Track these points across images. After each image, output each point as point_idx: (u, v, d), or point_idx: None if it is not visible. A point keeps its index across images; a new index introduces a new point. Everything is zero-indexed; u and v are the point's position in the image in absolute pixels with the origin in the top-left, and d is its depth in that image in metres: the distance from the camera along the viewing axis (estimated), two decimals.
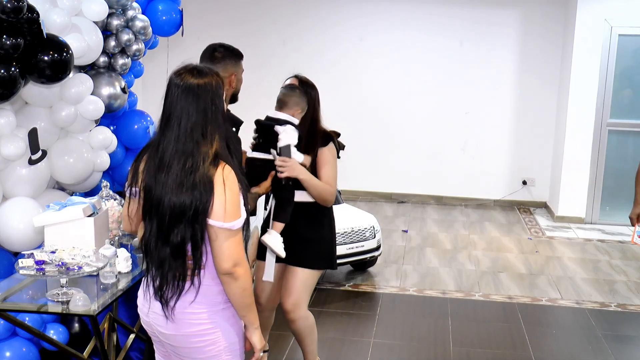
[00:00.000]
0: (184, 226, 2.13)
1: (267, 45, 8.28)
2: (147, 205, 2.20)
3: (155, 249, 2.18)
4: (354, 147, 8.39)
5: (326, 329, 4.52)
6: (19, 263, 2.72)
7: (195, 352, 2.24)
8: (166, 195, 2.14)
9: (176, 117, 2.15)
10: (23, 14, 2.98)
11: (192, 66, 2.22)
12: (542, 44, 8.04)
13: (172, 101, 2.17)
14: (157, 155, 2.18)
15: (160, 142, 2.18)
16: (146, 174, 2.20)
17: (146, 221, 2.21)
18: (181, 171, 2.13)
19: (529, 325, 4.65)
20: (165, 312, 2.20)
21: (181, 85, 2.16)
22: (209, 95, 2.18)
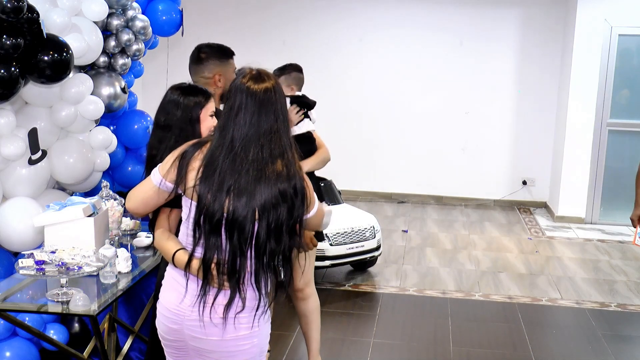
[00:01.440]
0: (281, 238, 2.11)
1: (267, 45, 8.28)
2: (206, 215, 2.10)
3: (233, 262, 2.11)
4: (354, 147, 8.42)
5: (326, 329, 4.51)
6: (19, 263, 2.72)
7: (237, 355, 2.22)
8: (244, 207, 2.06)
9: (247, 125, 2.09)
10: (23, 14, 2.98)
11: (255, 71, 2.17)
12: (542, 44, 8.04)
13: (244, 106, 2.10)
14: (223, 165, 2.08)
15: (221, 150, 2.10)
16: (206, 182, 2.09)
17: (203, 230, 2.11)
18: (265, 179, 2.07)
19: (529, 325, 4.65)
20: (224, 320, 2.15)
21: (253, 91, 2.11)
22: (281, 99, 2.15)
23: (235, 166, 2.08)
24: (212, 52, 3.24)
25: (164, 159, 2.26)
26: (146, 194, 2.28)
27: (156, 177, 2.24)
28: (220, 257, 2.12)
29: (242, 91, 2.12)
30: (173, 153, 2.23)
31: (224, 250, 2.11)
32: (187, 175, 2.15)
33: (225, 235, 2.10)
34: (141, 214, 2.38)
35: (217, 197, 2.08)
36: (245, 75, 2.16)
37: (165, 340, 2.32)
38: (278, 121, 2.12)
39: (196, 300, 2.17)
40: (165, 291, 2.29)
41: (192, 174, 2.14)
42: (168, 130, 2.59)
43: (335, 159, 8.46)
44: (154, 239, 2.40)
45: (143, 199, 2.30)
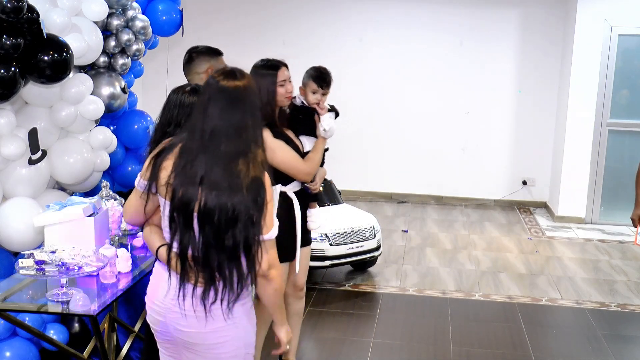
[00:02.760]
0: (238, 230, 2.12)
1: (267, 45, 8.27)
2: (185, 213, 2.13)
3: (207, 257, 2.14)
4: (354, 147, 8.42)
5: (326, 329, 4.52)
6: (19, 263, 2.72)
7: (218, 347, 2.25)
8: (214, 199, 2.09)
9: (216, 118, 2.12)
10: (23, 14, 2.98)
11: (229, 69, 2.20)
12: (542, 44, 8.04)
13: (213, 103, 2.13)
14: (193, 158, 2.12)
15: (192, 143, 2.13)
16: (178, 177, 2.13)
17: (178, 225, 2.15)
18: (232, 173, 2.10)
19: (529, 325, 4.65)
20: (204, 312, 2.19)
21: (224, 88, 2.14)
22: (252, 97, 2.18)
23: (205, 159, 2.12)
24: (202, 51, 3.49)
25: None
26: (136, 202, 2.33)
27: (138, 180, 2.30)
28: (194, 250, 2.15)
29: (213, 86, 2.16)
30: (152, 153, 2.28)
31: (197, 243, 2.14)
32: (159, 174, 2.19)
33: (198, 228, 2.13)
34: (138, 223, 2.42)
35: (188, 190, 2.11)
36: (219, 72, 2.20)
37: (155, 332, 2.36)
38: (246, 119, 2.14)
39: (176, 293, 2.22)
40: (152, 285, 2.34)
41: (164, 173, 2.18)
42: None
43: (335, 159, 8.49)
44: (143, 233, 2.43)
45: (134, 207, 2.35)
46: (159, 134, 2.66)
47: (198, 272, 2.17)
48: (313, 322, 4.62)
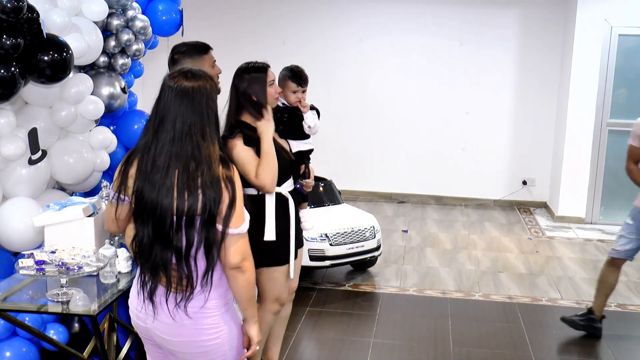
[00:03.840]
0: (195, 230, 2.13)
1: (267, 44, 8.27)
2: (139, 208, 2.17)
3: (152, 252, 2.16)
4: (354, 147, 8.42)
5: (326, 329, 4.52)
6: (19, 263, 2.72)
7: (202, 355, 2.24)
8: (166, 199, 2.12)
9: (171, 119, 2.14)
10: (23, 14, 2.98)
11: (187, 69, 2.23)
12: (542, 44, 8.04)
13: (166, 104, 2.16)
14: (150, 159, 2.15)
15: (151, 145, 2.16)
16: (139, 178, 2.17)
17: (138, 224, 2.19)
18: (183, 174, 2.12)
19: (529, 325, 4.65)
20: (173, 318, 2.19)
21: (175, 88, 2.16)
22: (204, 98, 2.18)
23: (151, 157, 2.14)
24: (185, 52, 3.30)
25: None
26: (109, 210, 2.34)
27: (112, 193, 2.31)
28: (142, 248, 2.17)
29: (164, 85, 2.19)
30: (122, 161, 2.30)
31: (146, 242, 2.17)
32: (127, 182, 2.22)
33: (144, 225, 2.16)
34: (116, 231, 2.42)
35: (140, 187, 2.15)
36: (174, 72, 2.23)
37: (140, 334, 2.37)
38: (192, 120, 2.14)
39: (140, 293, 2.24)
40: (132, 289, 2.34)
41: (131, 180, 2.20)
42: None
43: (336, 159, 8.50)
44: (125, 240, 2.43)
45: (108, 215, 2.36)
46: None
47: (144, 269, 2.19)
48: (313, 322, 4.63)
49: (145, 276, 2.21)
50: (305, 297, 4.98)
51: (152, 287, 2.20)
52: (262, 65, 3.22)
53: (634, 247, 4.34)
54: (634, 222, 4.33)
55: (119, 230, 2.38)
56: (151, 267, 2.18)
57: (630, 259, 4.41)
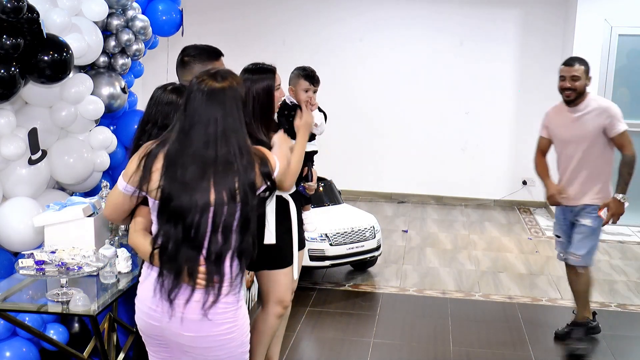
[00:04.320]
0: (231, 234, 2.15)
1: (267, 44, 8.28)
2: (168, 210, 2.14)
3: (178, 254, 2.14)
4: (354, 147, 8.42)
5: (326, 329, 4.52)
6: (19, 263, 2.73)
7: (215, 349, 2.25)
8: (202, 203, 2.11)
9: (203, 123, 2.13)
10: (23, 14, 2.98)
11: (214, 71, 2.22)
12: (542, 44, 8.04)
13: (196, 107, 2.14)
14: (183, 163, 2.13)
15: (183, 149, 2.14)
16: (169, 182, 2.14)
17: (164, 225, 2.16)
18: (219, 177, 2.12)
19: (529, 325, 4.65)
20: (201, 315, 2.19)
21: (205, 91, 2.15)
22: (234, 98, 2.18)
23: (184, 160, 2.13)
24: (196, 55, 3.20)
25: None
26: (116, 200, 2.33)
27: (120, 182, 2.28)
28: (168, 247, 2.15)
29: (193, 87, 2.18)
30: (134, 156, 2.26)
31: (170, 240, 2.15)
32: (151, 176, 2.19)
33: (172, 226, 2.14)
34: (115, 219, 2.42)
35: (170, 190, 2.13)
36: (203, 72, 2.22)
37: (146, 335, 2.34)
38: (226, 122, 2.14)
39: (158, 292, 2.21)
40: (143, 288, 2.30)
41: (156, 174, 2.18)
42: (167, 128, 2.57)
43: (336, 159, 8.49)
44: (130, 238, 2.39)
45: (114, 205, 2.35)
46: (139, 131, 2.66)
47: (171, 269, 2.17)
48: (313, 322, 4.63)
49: (168, 276, 2.18)
50: (305, 297, 4.98)
51: (174, 286, 2.17)
52: (269, 67, 3.21)
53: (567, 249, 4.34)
54: (555, 220, 4.45)
55: (119, 219, 2.38)
56: (177, 268, 2.16)
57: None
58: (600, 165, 4.17)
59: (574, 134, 4.16)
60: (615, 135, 4.10)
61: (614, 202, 4.07)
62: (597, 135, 4.11)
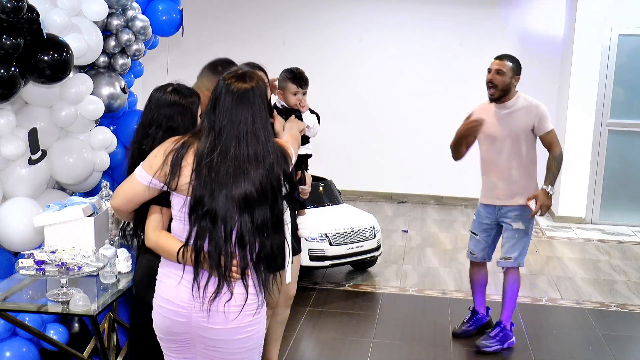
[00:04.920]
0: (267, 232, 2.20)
1: (267, 44, 8.28)
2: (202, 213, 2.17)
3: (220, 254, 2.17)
4: (354, 147, 8.42)
5: (326, 329, 4.52)
6: (19, 263, 2.72)
7: (241, 341, 2.27)
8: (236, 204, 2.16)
9: (234, 122, 2.17)
10: (23, 14, 2.98)
11: (242, 72, 2.25)
12: (542, 44, 8.04)
13: (226, 107, 2.18)
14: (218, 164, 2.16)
15: (214, 149, 2.16)
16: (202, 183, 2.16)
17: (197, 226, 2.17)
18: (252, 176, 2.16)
19: (529, 325, 4.64)
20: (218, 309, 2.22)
21: (234, 91, 2.19)
22: (261, 98, 2.23)
23: (217, 160, 2.16)
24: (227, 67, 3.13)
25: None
26: (133, 192, 2.31)
27: (143, 175, 2.27)
28: (210, 249, 2.18)
29: (222, 88, 2.21)
30: (159, 150, 2.26)
31: (212, 242, 2.18)
32: (181, 172, 2.20)
33: (212, 227, 2.17)
34: (124, 211, 2.40)
35: (205, 191, 2.16)
36: (230, 74, 2.24)
37: (168, 335, 2.32)
38: (255, 121, 2.19)
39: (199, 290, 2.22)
40: (169, 287, 2.28)
41: (187, 169, 2.19)
42: (172, 130, 2.55)
43: (336, 159, 8.48)
44: (149, 239, 2.36)
45: (128, 197, 2.33)
46: (140, 134, 2.62)
47: (211, 268, 2.19)
48: (313, 322, 4.63)
49: (209, 276, 2.19)
50: (305, 297, 4.98)
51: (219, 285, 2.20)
52: (259, 66, 3.18)
53: (484, 247, 4.34)
54: (475, 217, 4.37)
55: (127, 212, 2.38)
56: (218, 266, 2.18)
57: (487, 260, 4.41)
58: (528, 163, 4.16)
59: (503, 131, 4.13)
60: (544, 134, 4.11)
61: (543, 193, 4.05)
62: (525, 133, 4.11)
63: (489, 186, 4.28)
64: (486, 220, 4.30)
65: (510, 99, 4.16)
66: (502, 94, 4.14)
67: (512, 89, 4.15)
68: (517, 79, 4.18)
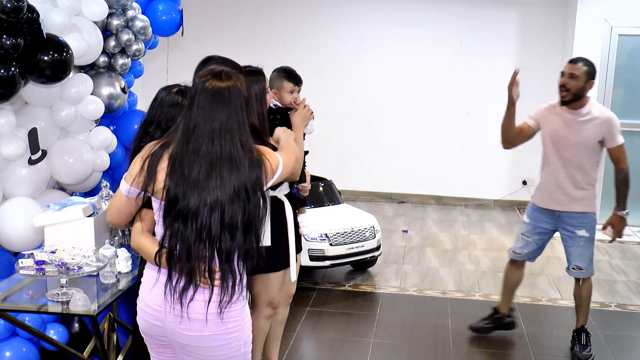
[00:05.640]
0: (237, 232, 2.14)
1: (267, 45, 8.28)
2: (176, 211, 2.14)
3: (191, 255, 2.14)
4: (354, 146, 8.42)
5: (326, 329, 4.52)
6: (19, 263, 2.73)
7: (218, 349, 2.24)
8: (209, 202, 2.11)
9: (207, 121, 2.13)
10: (23, 14, 2.98)
11: (219, 70, 2.21)
12: (542, 44, 8.04)
13: (200, 106, 2.14)
14: (189, 162, 2.13)
15: (188, 148, 2.14)
16: (175, 182, 2.13)
17: (172, 226, 2.15)
18: (224, 175, 2.12)
19: (529, 325, 4.65)
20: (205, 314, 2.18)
21: (209, 90, 2.15)
22: (238, 98, 2.18)
23: (189, 159, 2.13)
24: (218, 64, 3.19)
25: None
26: (119, 204, 2.32)
27: (123, 185, 2.27)
28: (179, 248, 2.15)
29: (197, 87, 2.18)
30: (137, 157, 2.25)
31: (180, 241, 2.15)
32: (156, 177, 2.18)
33: (182, 226, 2.14)
34: (120, 224, 2.41)
35: (177, 190, 2.13)
36: (206, 72, 2.21)
37: (148, 336, 2.33)
38: (230, 120, 2.14)
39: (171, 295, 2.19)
40: (147, 289, 2.29)
41: (162, 174, 2.17)
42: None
43: (336, 159, 8.49)
44: (133, 240, 2.38)
45: (117, 210, 2.34)
46: (141, 132, 2.64)
47: (182, 270, 2.16)
48: (313, 322, 4.63)
49: (179, 277, 2.16)
50: (305, 297, 4.98)
51: (186, 287, 2.17)
52: (258, 69, 3.15)
53: (532, 250, 4.30)
54: (530, 220, 4.28)
55: (123, 223, 2.36)
56: (189, 268, 2.14)
57: (531, 260, 4.38)
58: (592, 171, 4.11)
59: (574, 138, 4.06)
60: (614, 147, 4.07)
61: (617, 219, 4.03)
62: (594, 143, 4.05)
63: (548, 189, 4.18)
64: (544, 224, 4.22)
65: (583, 105, 4.06)
66: (573, 98, 4.03)
67: (585, 94, 4.04)
68: (591, 83, 4.06)
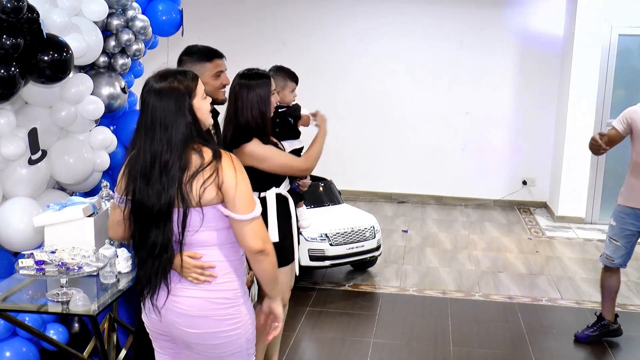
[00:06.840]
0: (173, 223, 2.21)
1: (267, 45, 8.28)
2: (133, 207, 2.24)
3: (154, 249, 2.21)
4: (354, 146, 8.42)
5: (326, 329, 4.52)
6: (19, 263, 2.72)
7: (220, 347, 2.27)
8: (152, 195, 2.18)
9: (149, 118, 2.21)
10: (23, 14, 2.97)
11: (163, 71, 2.28)
12: (542, 44, 8.04)
13: (146, 103, 2.22)
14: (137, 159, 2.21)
15: (138, 145, 2.22)
16: (129, 179, 2.23)
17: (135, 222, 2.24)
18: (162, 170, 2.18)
19: (529, 325, 4.65)
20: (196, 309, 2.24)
21: (150, 89, 2.23)
22: (173, 97, 2.21)
23: (139, 158, 2.21)
24: (191, 54, 3.19)
25: None
26: (115, 216, 2.39)
27: (115, 196, 2.36)
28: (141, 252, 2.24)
29: (145, 87, 2.26)
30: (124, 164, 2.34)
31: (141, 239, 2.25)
32: (121, 180, 2.29)
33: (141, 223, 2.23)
34: (120, 237, 2.46)
35: (133, 189, 2.23)
36: (154, 73, 2.29)
37: (152, 331, 2.38)
38: (167, 118, 2.19)
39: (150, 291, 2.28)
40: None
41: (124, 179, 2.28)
42: None
43: (336, 159, 8.49)
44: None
45: (114, 223, 2.40)
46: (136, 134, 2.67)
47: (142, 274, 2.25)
48: (313, 322, 4.63)
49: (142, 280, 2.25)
50: (305, 297, 4.99)
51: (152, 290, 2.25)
52: (265, 73, 3.22)
53: (622, 254, 4.27)
54: (617, 223, 4.26)
55: (125, 233, 2.38)
56: (147, 272, 2.23)
57: (623, 266, 4.34)
58: None
59: None
60: None
61: None
62: None
63: (637, 189, 4.17)
64: (630, 226, 4.19)
65: None
66: None
67: None
68: None
